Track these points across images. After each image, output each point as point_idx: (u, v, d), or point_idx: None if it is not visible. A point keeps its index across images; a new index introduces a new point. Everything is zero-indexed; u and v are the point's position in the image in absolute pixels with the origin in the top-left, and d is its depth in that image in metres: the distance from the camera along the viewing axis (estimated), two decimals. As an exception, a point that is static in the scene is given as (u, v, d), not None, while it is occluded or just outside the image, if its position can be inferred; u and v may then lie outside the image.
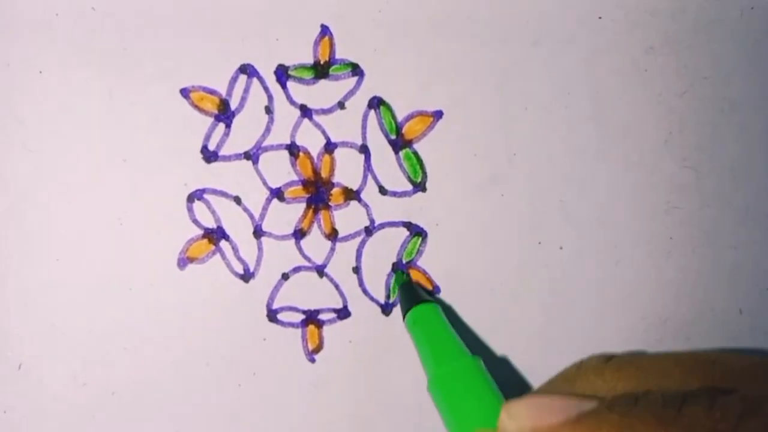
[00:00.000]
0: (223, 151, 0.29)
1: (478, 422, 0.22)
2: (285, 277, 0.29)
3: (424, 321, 0.27)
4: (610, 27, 0.29)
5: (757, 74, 0.30)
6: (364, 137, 0.29)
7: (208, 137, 0.29)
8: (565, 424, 0.17)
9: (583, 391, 0.21)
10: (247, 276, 0.29)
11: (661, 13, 0.29)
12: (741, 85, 0.30)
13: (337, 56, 0.29)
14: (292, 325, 0.29)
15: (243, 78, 0.29)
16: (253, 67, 0.29)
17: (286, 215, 0.29)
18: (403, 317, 0.28)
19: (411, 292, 0.28)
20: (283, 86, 0.29)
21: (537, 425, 0.18)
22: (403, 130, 0.29)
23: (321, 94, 0.29)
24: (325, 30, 0.29)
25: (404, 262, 0.30)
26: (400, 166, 0.30)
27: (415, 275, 0.30)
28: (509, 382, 0.29)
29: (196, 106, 0.29)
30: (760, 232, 0.30)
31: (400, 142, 0.29)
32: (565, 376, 0.23)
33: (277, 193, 0.29)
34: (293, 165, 0.29)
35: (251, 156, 0.29)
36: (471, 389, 0.24)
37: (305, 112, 0.29)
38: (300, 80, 0.29)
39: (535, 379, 0.29)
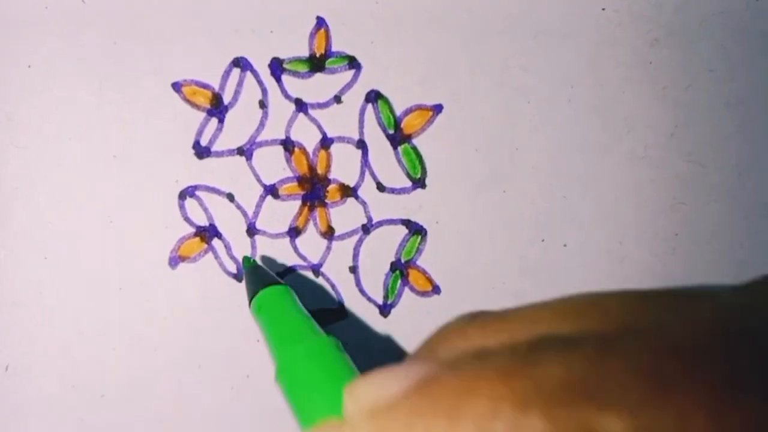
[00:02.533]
0: (216, 147, 0.28)
1: (329, 409, 0.19)
2: (279, 276, 0.29)
3: (272, 305, 0.25)
4: (614, 19, 0.29)
5: (763, 67, 0.29)
6: (361, 132, 0.29)
7: (200, 132, 0.28)
8: (404, 395, 0.15)
9: (447, 357, 0.18)
10: (240, 275, 0.29)
11: (665, 6, 0.29)
12: (747, 79, 0.29)
13: (334, 49, 0.28)
14: (287, 326, 0.29)
15: (236, 71, 0.28)
16: (246, 60, 0.28)
17: (281, 213, 0.29)
18: (249, 303, 0.25)
19: (259, 275, 0.26)
20: (278, 80, 0.28)
21: (375, 404, 0.15)
22: (402, 125, 0.29)
23: (317, 87, 0.28)
24: (320, 22, 0.28)
25: (403, 261, 0.29)
26: (399, 161, 0.29)
27: (414, 275, 0.29)
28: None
29: (188, 101, 0.28)
30: (767, 227, 0.29)
31: (398, 137, 0.29)
32: (428, 344, 0.19)
33: (272, 190, 0.29)
34: (288, 161, 0.29)
35: (245, 152, 0.28)
36: (322, 372, 0.20)
37: (300, 106, 0.28)
38: (295, 74, 0.28)
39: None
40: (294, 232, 0.29)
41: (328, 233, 0.29)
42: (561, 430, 0.12)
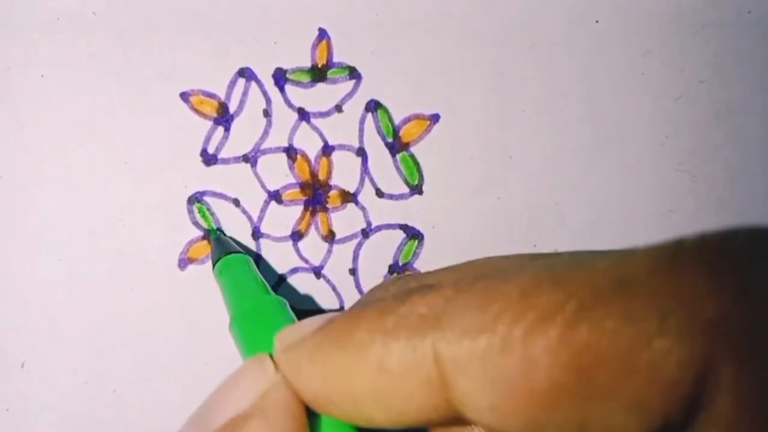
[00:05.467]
0: (222, 154, 0.29)
1: (267, 350, 0.20)
2: (283, 278, 0.30)
3: (232, 269, 0.27)
4: (607, 30, 0.29)
5: (753, 78, 0.29)
6: (361, 140, 0.30)
7: (207, 140, 0.29)
8: (312, 334, 0.18)
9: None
10: (245, 277, 0.30)
11: (657, 17, 0.29)
12: (737, 89, 0.29)
13: (335, 59, 0.29)
14: (290, 325, 0.30)
15: (241, 81, 0.29)
16: (251, 70, 0.29)
17: (284, 217, 0.30)
18: (213, 267, 0.28)
19: (223, 244, 0.28)
20: (281, 89, 0.29)
21: (291, 342, 0.18)
22: (400, 133, 0.30)
23: (319, 97, 0.29)
24: (322, 33, 0.29)
25: (401, 264, 0.30)
26: (397, 169, 0.30)
27: (411, 277, 0.30)
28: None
29: (195, 110, 0.29)
30: (756, 236, 0.30)
31: (397, 145, 0.30)
32: (361, 297, 0.24)
33: (275, 196, 0.30)
34: (291, 168, 0.30)
35: (249, 159, 0.30)
36: (267, 323, 0.23)
37: (303, 115, 0.30)
38: (298, 83, 0.29)
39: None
40: (296, 236, 0.30)
41: (329, 237, 0.30)
42: (417, 353, 0.16)
